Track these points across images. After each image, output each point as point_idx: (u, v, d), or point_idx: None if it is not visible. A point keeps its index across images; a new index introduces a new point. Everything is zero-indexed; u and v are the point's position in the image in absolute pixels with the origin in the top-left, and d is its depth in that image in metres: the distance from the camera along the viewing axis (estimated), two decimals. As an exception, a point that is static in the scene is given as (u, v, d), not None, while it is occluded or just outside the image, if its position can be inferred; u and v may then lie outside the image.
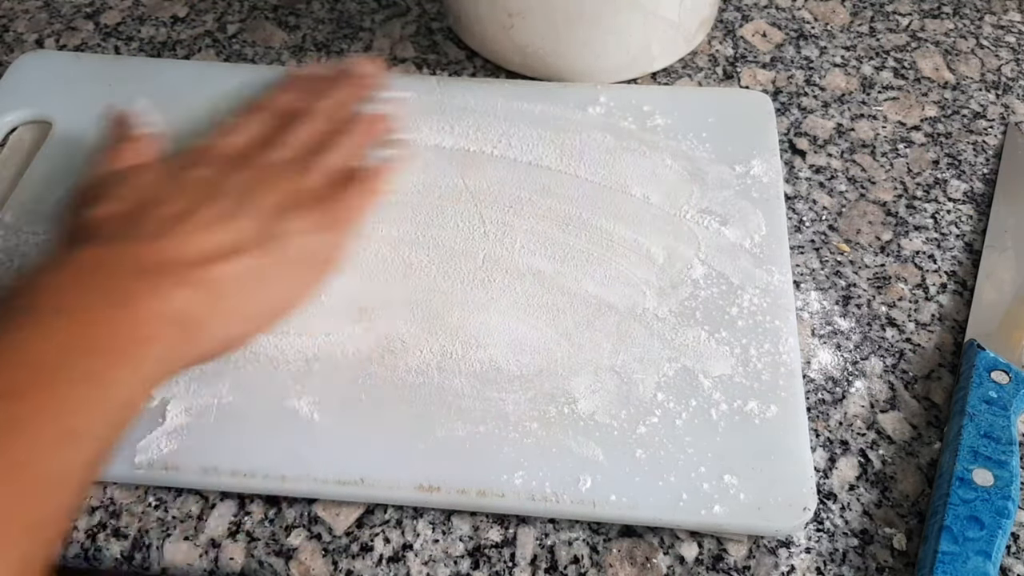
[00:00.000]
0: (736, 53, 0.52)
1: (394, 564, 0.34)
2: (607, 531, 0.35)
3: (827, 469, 0.36)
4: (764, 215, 0.42)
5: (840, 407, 0.38)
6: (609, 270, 0.40)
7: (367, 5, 0.56)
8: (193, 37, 0.54)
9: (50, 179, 0.44)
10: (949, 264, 0.43)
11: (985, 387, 0.36)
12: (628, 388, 0.36)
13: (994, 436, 0.35)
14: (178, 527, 0.35)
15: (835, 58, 0.52)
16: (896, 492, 0.36)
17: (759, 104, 0.47)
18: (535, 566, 0.34)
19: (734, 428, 0.35)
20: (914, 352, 0.40)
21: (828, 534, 0.35)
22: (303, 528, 0.35)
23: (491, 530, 0.35)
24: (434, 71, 0.52)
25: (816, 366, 0.39)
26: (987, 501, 0.33)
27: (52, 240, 0.38)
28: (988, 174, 0.47)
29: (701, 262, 0.40)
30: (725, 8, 0.55)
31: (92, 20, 0.55)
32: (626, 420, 0.35)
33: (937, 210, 0.45)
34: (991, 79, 0.51)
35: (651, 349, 0.38)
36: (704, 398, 0.36)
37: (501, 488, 0.34)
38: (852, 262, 0.43)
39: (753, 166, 0.44)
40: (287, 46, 0.53)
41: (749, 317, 0.39)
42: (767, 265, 0.40)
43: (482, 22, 0.49)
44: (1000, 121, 0.49)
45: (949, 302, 0.42)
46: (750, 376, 0.37)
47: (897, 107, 0.50)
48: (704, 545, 0.34)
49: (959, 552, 0.32)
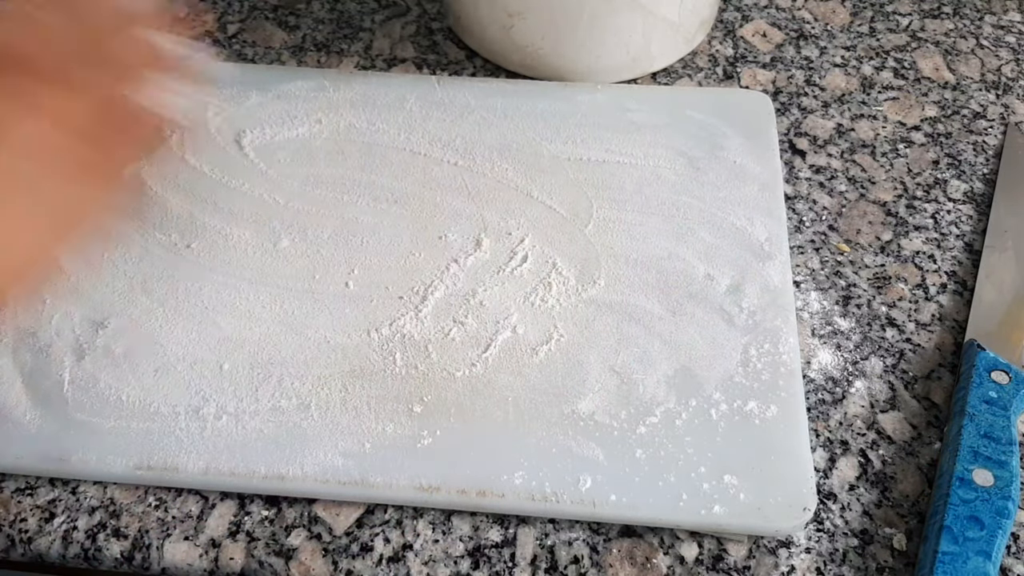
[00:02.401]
0: (736, 53, 0.52)
1: (394, 564, 0.34)
2: (607, 531, 0.35)
3: (827, 469, 0.36)
4: (764, 215, 0.42)
5: (840, 407, 0.38)
6: (608, 270, 0.40)
7: (367, 5, 0.56)
8: (193, 37, 0.54)
9: (50, 179, 0.44)
10: (949, 264, 0.43)
11: (985, 387, 0.36)
12: (628, 388, 0.36)
13: (994, 436, 0.35)
14: (178, 527, 0.35)
15: (835, 58, 0.52)
16: (896, 492, 0.36)
17: (759, 104, 0.47)
18: (535, 566, 0.34)
19: (734, 428, 0.35)
20: (914, 352, 0.40)
21: (828, 534, 0.35)
22: (303, 528, 0.35)
23: (491, 530, 0.35)
24: (434, 71, 0.52)
25: (816, 366, 0.39)
26: (987, 501, 0.33)
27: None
28: (988, 174, 0.47)
29: (701, 262, 0.40)
30: (725, 8, 0.55)
31: (92, 20, 0.55)
32: (626, 420, 0.35)
33: (937, 210, 0.45)
34: (991, 79, 0.51)
35: (651, 349, 0.38)
36: (704, 398, 0.36)
37: (501, 488, 0.34)
38: (852, 262, 0.43)
39: (753, 166, 0.44)
40: (287, 46, 0.53)
41: (749, 317, 0.39)
42: (767, 264, 0.40)
43: (482, 22, 0.49)
44: (1000, 121, 0.49)
45: (949, 302, 0.42)
46: (750, 376, 0.37)
47: (897, 107, 0.50)
48: (704, 545, 0.34)
49: (959, 552, 0.32)
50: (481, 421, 0.35)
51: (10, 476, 0.36)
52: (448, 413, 0.36)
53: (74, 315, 0.39)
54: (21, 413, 0.36)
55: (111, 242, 0.41)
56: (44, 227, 0.29)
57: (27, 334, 0.38)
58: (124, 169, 0.32)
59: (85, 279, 0.40)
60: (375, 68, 0.51)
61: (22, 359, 0.37)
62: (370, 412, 0.36)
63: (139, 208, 0.43)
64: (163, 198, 0.43)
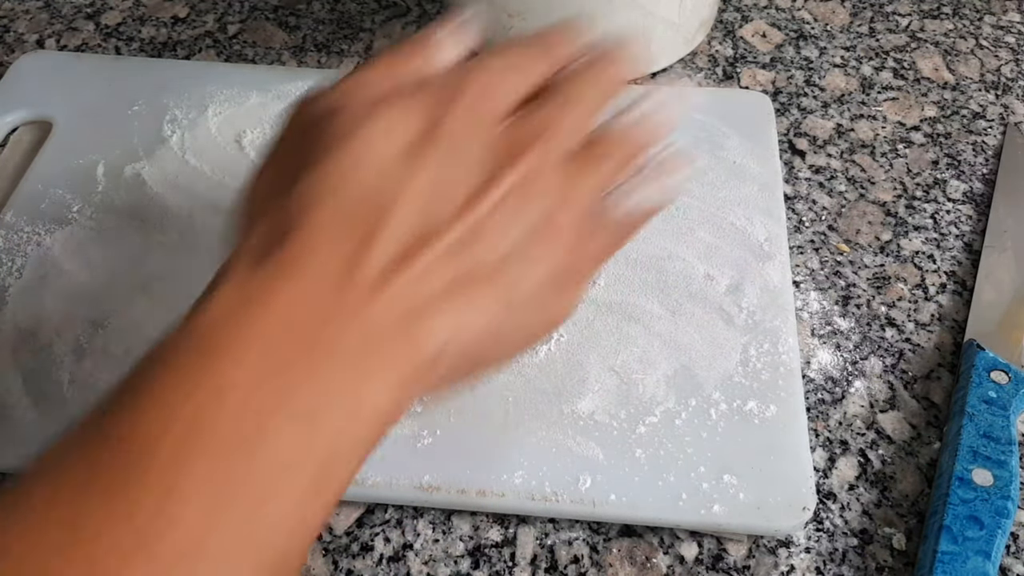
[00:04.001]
0: (736, 53, 0.53)
1: (394, 564, 0.34)
2: (607, 531, 0.35)
3: (827, 469, 0.36)
4: (763, 215, 0.42)
5: (840, 407, 0.38)
6: (608, 270, 0.40)
7: (367, 5, 0.56)
8: (193, 38, 0.54)
9: (50, 179, 0.44)
10: (949, 264, 0.43)
11: (985, 387, 0.36)
12: (628, 388, 0.36)
13: (993, 436, 0.35)
14: (178, 527, 0.35)
15: (835, 58, 0.52)
16: (896, 492, 0.36)
17: (759, 104, 0.47)
18: (535, 566, 0.34)
19: (733, 428, 0.35)
20: (914, 352, 0.40)
21: (828, 534, 0.35)
22: (303, 528, 0.35)
23: (491, 530, 0.35)
24: (434, 71, 0.52)
25: (816, 366, 0.39)
26: (986, 501, 0.33)
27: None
28: (988, 174, 0.47)
29: (700, 262, 0.41)
30: (725, 8, 0.55)
31: (93, 20, 0.55)
32: (625, 420, 0.35)
33: (936, 210, 0.45)
34: (991, 79, 0.51)
35: (650, 349, 0.38)
36: (703, 398, 0.36)
37: (501, 488, 0.34)
38: (852, 262, 0.43)
39: (752, 166, 0.44)
40: (287, 46, 0.53)
41: (749, 317, 0.39)
42: (767, 264, 0.40)
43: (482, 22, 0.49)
44: (1000, 121, 0.49)
45: (949, 302, 0.42)
46: (749, 376, 0.37)
47: (897, 107, 0.50)
48: (704, 545, 0.34)
49: (959, 552, 0.32)
50: (481, 421, 0.36)
51: (10, 476, 0.36)
52: (448, 413, 0.36)
53: (74, 315, 0.39)
54: (21, 413, 0.36)
55: (111, 242, 0.41)
56: None
57: (27, 334, 0.38)
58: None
59: (85, 279, 0.40)
60: (375, 68, 0.52)
61: (22, 359, 0.37)
62: (370, 412, 0.36)
63: (139, 208, 0.43)
64: (163, 198, 0.43)
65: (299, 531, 0.22)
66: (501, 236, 0.26)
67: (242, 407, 0.21)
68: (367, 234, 0.24)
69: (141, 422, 0.21)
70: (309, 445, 0.22)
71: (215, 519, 0.20)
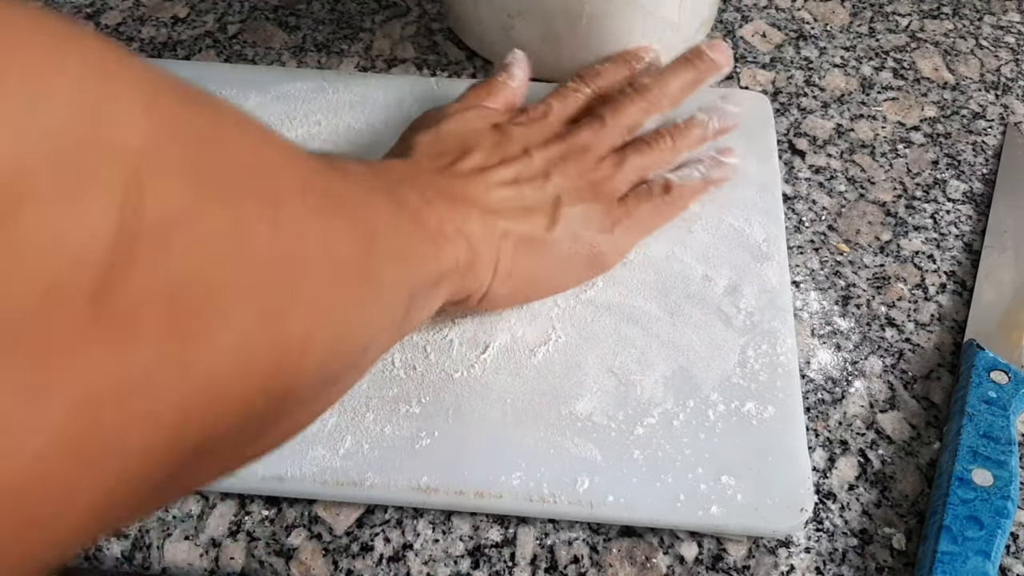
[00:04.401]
0: (736, 54, 0.52)
1: (394, 564, 0.34)
2: (607, 531, 0.35)
3: (826, 469, 0.36)
4: (763, 215, 0.42)
5: (839, 407, 0.38)
6: (608, 271, 0.40)
7: (367, 5, 0.56)
8: (193, 38, 0.54)
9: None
10: (948, 264, 0.43)
11: (984, 387, 0.36)
12: (626, 389, 0.36)
13: (993, 436, 0.35)
14: (179, 527, 0.35)
15: (835, 58, 0.52)
16: (895, 492, 0.36)
17: (758, 105, 0.47)
18: (535, 566, 0.34)
19: (731, 429, 0.35)
20: (913, 352, 0.40)
21: (827, 534, 0.35)
22: (303, 528, 0.35)
23: (491, 530, 0.35)
24: (434, 72, 0.52)
25: (815, 366, 0.39)
26: (986, 501, 0.33)
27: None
28: (987, 174, 0.47)
29: (698, 263, 0.41)
30: (725, 8, 0.55)
31: (92, 20, 0.55)
32: (624, 421, 0.36)
33: (936, 210, 0.45)
34: (990, 79, 0.51)
35: (649, 350, 0.38)
36: (702, 399, 0.36)
37: (499, 489, 0.34)
38: (851, 262, 0.43)
39: (752, 166, 0.44)
40: (287, 46, 0.53)
41: (747, 318, 0.39)
42: (765, 265, 0.40)
43: (482, 23, 0.49)
44: (999, 121, 0.49)
45: (948, 302, 0.42)
46: (748, 377, 0.37)
47: (896, 107, 0.50)
48: (704, 545, 0.34)
49: (958, 552, 0.32)
50: (479, 422, 0.36)
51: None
52: (446, 414, 0.36)
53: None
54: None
55: None
56: None
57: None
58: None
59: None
60: (375, 69, 0.52)
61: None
62: (368, 413, 0.36)
63: None
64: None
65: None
66: (561, 176, 0.37)
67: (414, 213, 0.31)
68: (455, 158, 0.36)
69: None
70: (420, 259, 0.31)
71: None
